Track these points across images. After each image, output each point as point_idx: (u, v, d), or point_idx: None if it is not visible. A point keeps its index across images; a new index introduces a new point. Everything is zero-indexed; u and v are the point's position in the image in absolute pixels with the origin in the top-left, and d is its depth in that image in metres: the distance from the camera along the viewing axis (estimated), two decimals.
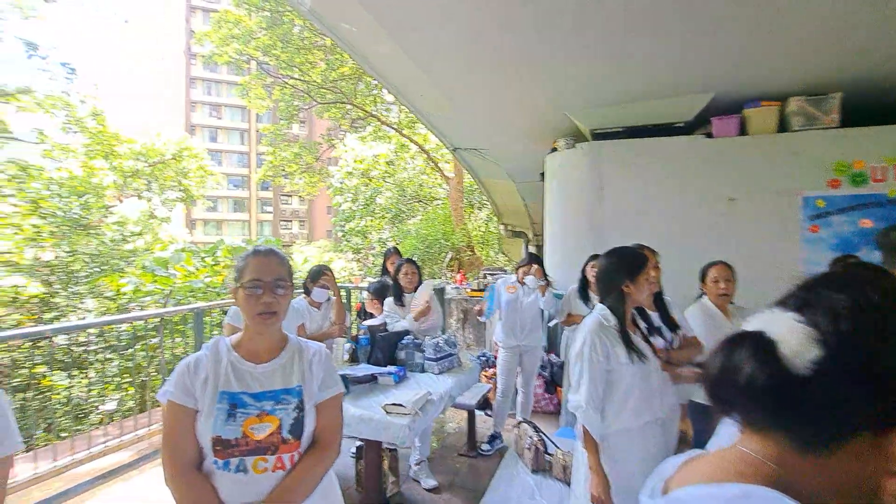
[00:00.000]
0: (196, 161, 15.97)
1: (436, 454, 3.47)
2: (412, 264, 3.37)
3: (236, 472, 1.16)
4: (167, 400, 1.20)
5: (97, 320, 3.72)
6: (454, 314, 6.30)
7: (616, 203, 4.37)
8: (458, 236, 13.31)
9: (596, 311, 1.83)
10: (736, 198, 3.99)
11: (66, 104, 12.09)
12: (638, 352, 1.73)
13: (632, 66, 3.59)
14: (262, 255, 1.28)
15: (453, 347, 2.96)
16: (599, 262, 1.89)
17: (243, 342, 1.28)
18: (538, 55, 3.57)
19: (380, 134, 16.45)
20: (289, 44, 12.38)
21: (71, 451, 3.33)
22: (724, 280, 2.45)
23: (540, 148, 5.59)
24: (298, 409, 1.23)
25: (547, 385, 4.28)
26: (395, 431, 2.06)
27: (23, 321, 6.40)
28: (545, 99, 4.32)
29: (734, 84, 3.76)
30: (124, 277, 7.17)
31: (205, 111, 46.56)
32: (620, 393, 1.74)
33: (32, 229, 6.49)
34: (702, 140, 4.13)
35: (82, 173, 11.77)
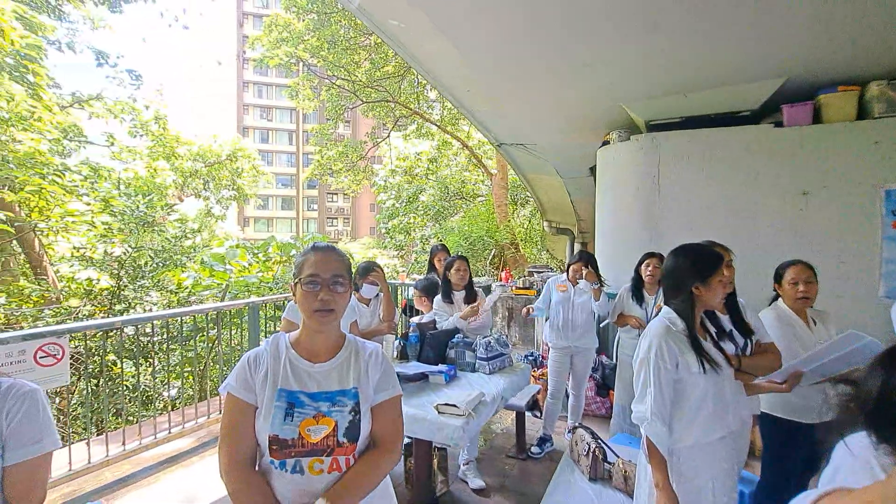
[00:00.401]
0: (249, 161, 16.70)
1: (484, 455, 3.42)
2: (464, 261, 3.32)
3: (293, 472, 1.15)
4: (227, 393, 1.20)
5: (162, 312, 3.92)
6: (499, 312, 6.21)
7: (674, 198, 4.13)
8: (502, 233, 13.15)
9: (662, 315, 1.70)
10: (809, 192, 3.67)
11: (133, 109, 12.92)
12: (710, 359, 1.59)
13: (695, 52, 3.37)
14: (321, 251, 1.26)
15: (505, 347, 2.89)
16: (667, 260, 1.75)
17: (301, 340, 1.27)
18: (593, 44, 3.42)
19: (423, 132, 16.53)
20: (335, 45, 12.64)
21: (138, 435, 3.53)
22: (803, 282, 2.22)
23: (590, 141, 5.40)
24: (354, 412, 1.21)
25: (598, 388, 4.13)
26: (448, 432, 2.02)
27: (95, 312, 6.91)
28: (599, 90, 4.14)
29: (808, 68, 3.45)
30: (185, 272, 7.58)
31: (256, 113, 48.59)
32: (690, 405, 1.60)
33: (103, 226, 6.99)
34: (771, 130, 3.83)
35: (146, 174, 12.56)
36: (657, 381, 1.57)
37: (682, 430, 1.60)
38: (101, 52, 12.97)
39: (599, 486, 2.12)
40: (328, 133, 15.99)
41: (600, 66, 3.70)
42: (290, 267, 8.45)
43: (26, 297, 6.76)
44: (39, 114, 7.83)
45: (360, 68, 13.48)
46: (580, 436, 2.31)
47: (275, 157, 48.19)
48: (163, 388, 5.90)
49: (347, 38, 12.82)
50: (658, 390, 1.57)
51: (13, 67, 7.84)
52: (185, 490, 3.00)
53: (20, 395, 1.13)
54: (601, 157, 4.93)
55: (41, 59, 8.47)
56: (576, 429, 2.41)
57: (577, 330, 3.40)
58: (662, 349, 1.59)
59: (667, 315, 1.68)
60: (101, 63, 13.01)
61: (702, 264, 1.65)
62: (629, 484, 2.05)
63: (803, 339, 2.17)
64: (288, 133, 49.34)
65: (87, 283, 7.12)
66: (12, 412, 1.10)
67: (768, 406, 2.22)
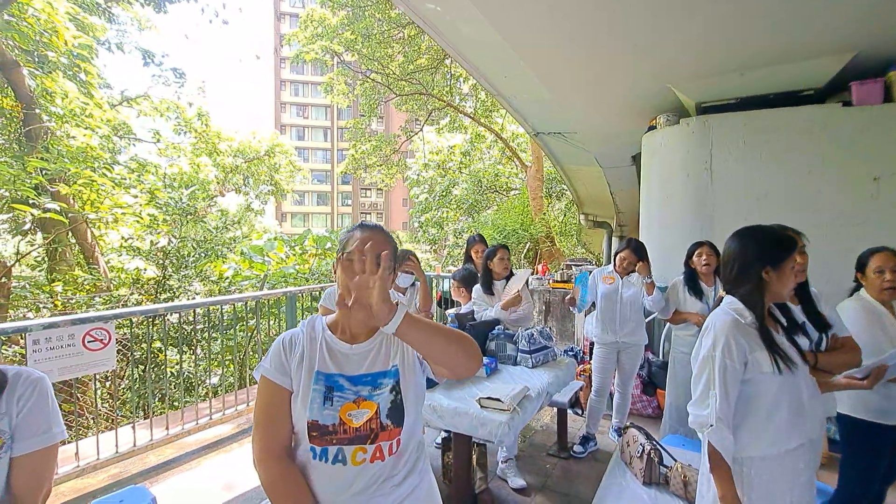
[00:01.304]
0: (286, 157, 17.06)
1: (523, 453, 3.30)
2: (506, 250, 3.19)
3: (334, 462, 1.08)
4: (261, 375, 1.13)
5: (203, 300, 4.00)
6: (536, 306, 6.04)
7: (729, 186, 3.85)
8: (537, 226, 12.88)
9: (725, 305, 1.50)
10: (881, 177, 3.33)
11: (177, 107, 13.41)
12: (784, 357, 1.39)
13: (754, 25, 3.09)
14: (368, 229, 1.19)
15: (549, 340, 2.75)
16: (730, 243, 1.54)
17: (339, 321, 1.20)
18: (640, 22, 3.20)
19: (456, 125, 16.40)
20: (370, 38, 12.69)
21: (181, 421, 3.61)
22: (890, 270, 1.97)
23: (633, 127, 5.13)
24: (395, 391, 1.12)
25: (644, 386, 3.92)
26: (492, 429, 1.92)
27: (142, 301, 7.20)
28: (646, 71, 3.90)
29: (880, 41, 3.11)
30: (226, 263, 7.79)
31: (293, 111, 49.77)
32: (762, 410, 1.40)
33: (149, 218, 7.26)
34: (838, 109, 3.50)
35: (190, 170, 13.01)
36: (723, 382, 1.39)
37: (751, 439, 1.41)
38: (148, 51, 13.49)
39: (654, 490, 1.96)
40: (362, 127, 16.12)
41: (649, 46, 3.46)
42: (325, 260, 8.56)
43: (80, 286, 7.10)
44: (91, 111, 8.21)
45: (393, 61, 13.48)
46: (632, 436, 2.15)
47: (310, 154, 49.26)
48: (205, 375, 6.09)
49: (381, 31, 12.84)
50: (724, 393, 1.38)
51: (67, 67, 8.25)
52: (225, 476, 3.03)
53: (30, 383, 1.09)
54: (647, 143, 4.67)
55: (92, 58, 8.88)
56: (627, 428, 2.25)
57: (625, 325, 3.20)
58: (731, 345, 1.40)
59: (732, 306, 1.48)
60: (147, 62, 13.54)
61: (773, 247, 1.45)
62: (689, 490, 1.89)
63: (891, 333, 1.94)
64: (323, 130, 50.33)
65: (136, 272, 7.43)
66: (24, 398, 1.07)
67: (848, 407, 1.99)
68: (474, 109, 15.30)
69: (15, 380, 1.08)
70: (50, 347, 2.81)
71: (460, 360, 1.06)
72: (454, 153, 17.27)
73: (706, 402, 1.42)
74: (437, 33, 4.53)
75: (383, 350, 1.17)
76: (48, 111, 7.36)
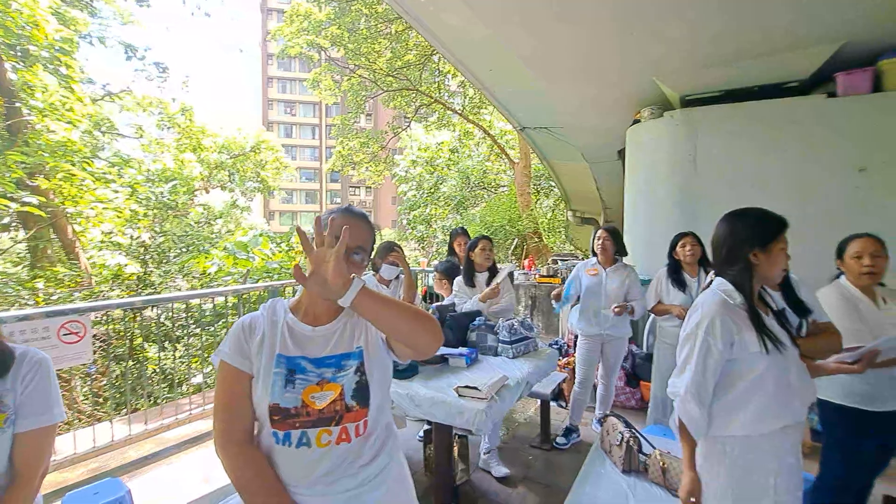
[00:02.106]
0: (272, 153, 16.86)
1: (506, 445, 3.28)
2: (488, 241, 3.16)
3: (298, 445, 1.05)
4: (220, 360, 1.09)
5: (181, 294, 3.92)
6: (522, 300, 6.03)
7: (713, 177, 3.87)
8: (525, 223, 12.89)
9: (715, 286, 1.50)
10: (868, 167, 3.36)
11: (161, 102, 13.17)
12: (772, 337, 1.38)
13: (740, 19, 3.09)
14: (351, 215, 1.15)
15: (530, 330, 2.72)
16: (720, 225, 1.54)
17: (302, 303, 1.16)
18: (626, 12, 3.19)
19: (444, 121, 16.35)
20: (356, 33, 12.58)
21: (160, 416, 3.55)
22: (869, 256, 1.96)
23: (618, 122, 5.13)
24: (359, 372, 1.09)
25: (628, 378, 3.92)
26: (469, 417, 1.88)
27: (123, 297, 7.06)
28: (630, 63, 3.89)
29: (868, 30, 3.13)
30: (209, 260, 7.66)
31: (280, 108, 49.29)
32: (746, 389, 1.40)
33: (130, 213, 7.11)
34: (823, 100, 3.52)
35: (174, 166, 12.79)
36: (701, 358, 1.40)
37: (732, 417, 1.41)
38: (130, 45, 13.22)
39: (633, 478, 1.94)
40: (349, 124, 15.99)
41: (635, 37, 3.45)
42: None
43: (61, 282, 6.96)
44: (71, 105, 8.03)
45: (380, 57, 13.38)
46: (612, 425, 2.13)
47: (298, 151, 48.85)
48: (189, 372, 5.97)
49: (368, 26, 12.74)
50: (700, 368, 1.40)
51: (48, 60, 8.07)
52: (204, 469, 2.98)
53: (34, 363, 1.13)
54: (631, 136, 4.67)
55: (74, 52, 8.70)
56: (607, 417, 2.23)
57: (609, 318, 3.18)
58: (715, 325, 1.40)
59: (721, 287, 1.48)
60: (129, 56, 13.28)
61: (762, 228, 1.45)
62: (668, 477, 1.87)
63: (869, 320, 1.93)
64: (311, 127, 49.92)
65: (118, 268, 7.28)
66: (27, 377, 1.11)
67: (831, 393, 1.97)
68: (462, 106, 15.26)
69: (21, 358, 1.12)
70: (24, 340, 2.75)
71: (420, 336, 1.03)
72: (442, 150, 17.22)
73: (682, 375, 1.44)
74: (422, 25, 4.49)
75: (347, 332, 1.14)
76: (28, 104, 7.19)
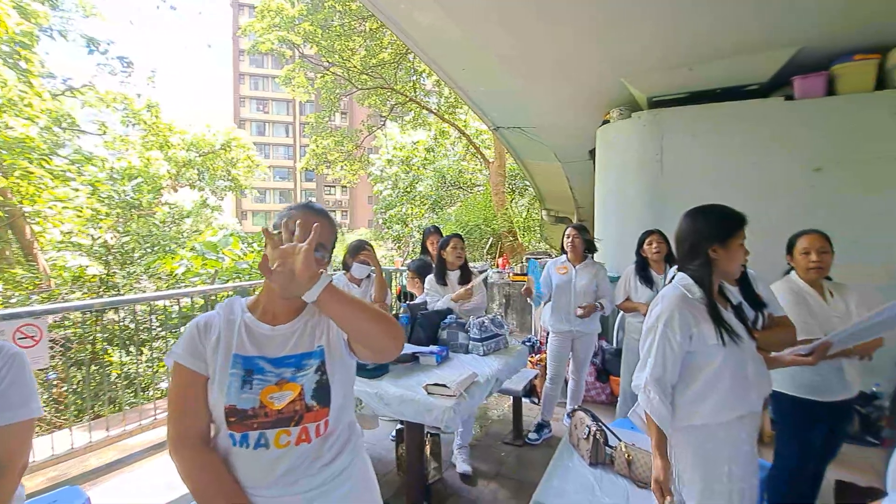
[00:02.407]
0: (244, 151, 16.46)
1: (479, 442, 3.30)
2: (460, 239, 3.17)
3: (256, 447, 1.02)
4: (173, 362, 1.06)
5: (145, 296, 3.78)
6: (496, 299, 6.07)
7: (679, 177, 3.98)
8: (500, 221, 12.98)
9: (676, 281, 1.55)
10: (822, 167, 3.51)
11: (125, 97, 12.68)
12: (730, 330, 1.44)
13: (702, 20, 3.19)
14: (311, 211, 1.13)
15: (500, 328, 2.74)
16: (681, 222, 1.59)
17: (261, 301, 1.13)
18: (592, 15, 3.24)
19: (420, 121, 16.30)
20: (329, 30, 12.41)
21: (123, 422, 3.42)
22: (816, 251, 2.06)
23: (589, 122, 5.22)
24: (320, 371, 1.07)
25: (598, 373, 3.99)
26: (438, 414, 1.88)
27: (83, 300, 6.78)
28: (598, 64, 3.97)
29: (822, 36, 3.27)
30: (177, 260, 7.43)
31: (252, 105, 48.22)
32: (705, 380, 1.46)
33: (90, 211, 6.83)
34: (781, 103, 3.67)
35: (140, 164, 12.36)
36: (661, 350, 1.45)
37: (693, 408, 1.46)
38: (93, 39, 12.70)
39: (600, 470, 1.98)
40: (324, 122, 15.76)
41: (601, 39, 3.52)
42: None
43: (19, 284, 6.64)
44: (30, 100, 7.69)
45: (354, 55, 13.25)
46: (580, 419, 2.17)
47: (271, 150, 47.89)
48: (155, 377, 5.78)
49: (341, 23, 12.59)
50: (661, 360, 1.45)
51: (7, 55, 7.72)
52: (168, 477, 2.88)
53: (9, 357, 1.10)
54: (601, 136, 4.76)
55: (33, 46, 8.32)
56: (575, 412, 2.27)
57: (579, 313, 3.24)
58: (674, 318, 1.45)
59: (682, 282, 1.53)
60: (92, 50, 12.75)
61: (722, 224, 1.50)
62: (633, 469, 1.92)
63: (817, 313, 2.02)
64: (285, 125, 49.00)
65: (79, 270, 6.98)
66: (3, 372, 1.08)
67: (782, 385, 2.06)
68: (438, 105, 15.25)
69: None
70: None
71: (381, 340, 1.03)
72: (418, 149, 17.18)
73: (645, 367, 1.48)
74: (395, 24, 4.46)
75: (308, 331, 1.11)
76: None
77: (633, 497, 1.84)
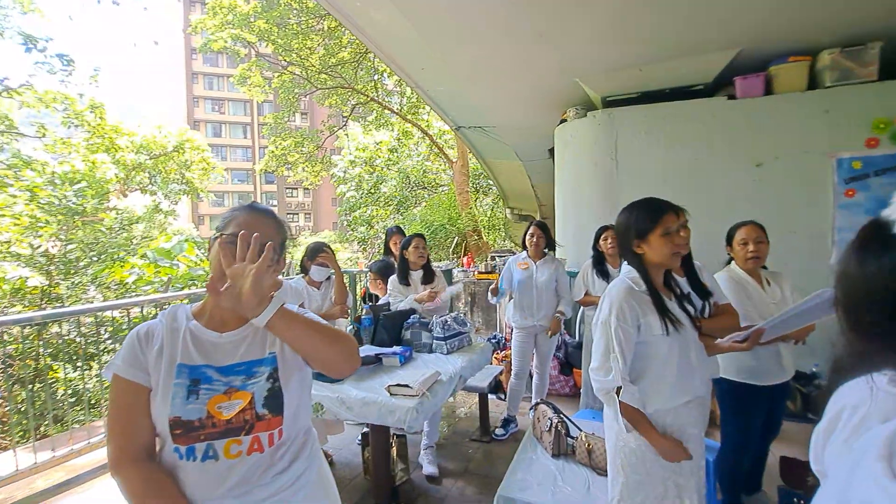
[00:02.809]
0: (198, 153, 15.80)
1: (447, 440, 3.31)
2: (422, 239, 3.16)
3: (204, 459, 0.97)
4: (112, 375, 1.00)
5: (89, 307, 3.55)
6: (462, 297, 6.10)
7: (633, 173, 4.12)
8: (465, 221, 13.06)
9: (623, 274, 1.60)
10: (763, 162, 3.73)
11: (66, 97, 11.94)
12: (673, 319, 1.50)
13: (645, 26, 3.32)
14: (256, 212, 1.08)
15: (463, 325, 2.76)
16: (616, 220, 1.66)
17: (207, 307, 1.08)
18: (544, 17, 3.31)
19: (382, 121, 16.16)
20: (286, 28, 12.10)
21: (70, 441, 3.23)
22: (753, 242, 2.19)
23: (547, 121, 5.33)
24: (272, 378, 1.03)
25: (562, 367, 4.08)
26: (401, 415, 1.87)
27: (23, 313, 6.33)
28: (553, 65, 4.05)
29: (759, 39, 3.47)
30: (127, 268, 7.05)
31: (207, 106, 46.44)
32: (654, 369, 1.51)
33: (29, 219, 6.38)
34: (724, 102, 3.86)
35: (85, 168, 11.66)
36: (620, 346, 1.48)
37: (646, 396, 1.51)
38: (30, 36, 11.90)
39: (562, 461, 2.03)
40: (283, 122, 15.37)
41: (554, 41, 3.59)
42: None
43: None
44: None
45: (313, 54, 12.98)
46: (542, 411, 2.22)
47: (229, 152, 46.31)
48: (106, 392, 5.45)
49: (298, 21, 12.30)
50: (623, 356, 1.48)
51: None
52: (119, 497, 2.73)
53: None
54: (559, 135, 4.87)
55: None
56: (538, 405, 2.31)
57: (541, 309, 3.30)
58: (624, 310, 1.49)
59: (628, 275, 1.58)
60: (29, 48, 11.94)
61: (638, 220, 1.54)
62: (593, 457, 1.98)
63: (755, 300, 2.15)
64: (242, 126, 47.47)
65: (20, 282, 6.51)
66: None
67: (726, 371, 2.19)
68: (400, 106, 15.17)
69: None
70: None
71: (336, 362, 1.02)
72: (381, 150, 17.04)
73: (607, 366, 1.50)
74: (352, 23, 4.40)
75: (259, 336, 1.07)
76: None
77: (594, 485, 1.89)
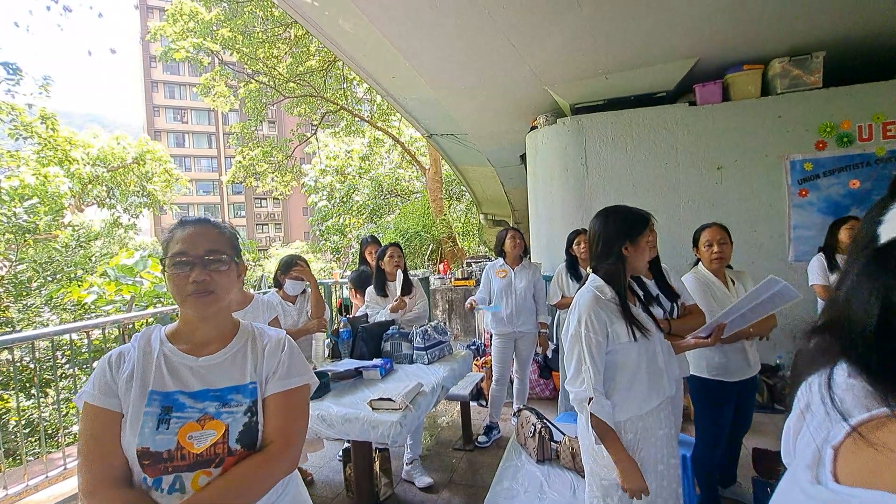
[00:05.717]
0: (160, 164, 15.23)
1: (430, 451, 3.27)
2: (397, 248, 3.13)
3: (171, 491, 0.92)
4: (84, 403, 0.95)
5: (44, 331, 3.34)
6: (439, 305, 6.08)
7: (602, 178, 4.22)
8: (439, 228, 13.07)
9: (588, 284, 1.61)
10: (724, 166, 3.89)
11: (13, 108, 11.30)
12: (640, 326, 1.53)
13: (610, 35, 3.43)
14: (190, 225, 1.03)
15: (444, 335, 2.74)
16: (594, 223, 1.67)
17: (181, 331, 1.04)
18: (513, 27, 3.37)
19: (353, 129, 16.03)
20: (251, 37, 11.86)
21: (25, 477, 3.00)
22: (717, 243, 2.28)
23: (519, 128, 5.41)
24: (251, 412, 0.99)
25: (541, 370, 4.11)
26: (384, 430, 1.83)
27: None
28: (523, 74, 4.12)
29: (717, 49, 3.64)
30: (85, 288, 6.70)
31: (168, 115, 44.95)
32: (626, 376, 1.53)
33: None
34: (685, 108, 4.01)
35: (35, 182, 11.05)
36: (591, 356, 1.49)
37: (619, 404, 1.52)
38: None
39: (547, 466, 2.03)
40: (250, 132, 15.02)
41: (523, 50, 3.66)
42: None
43: None
44: None
45: (280, 62, 12.77)
46: (525, 418, 2.22)
47: (193, 162, 44.89)
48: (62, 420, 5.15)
49: (264, 29, 12.09)
50: (594, 366, 1.49)
51: None
52: None
53: None
54: (530, 141, 4.94)
55: None
56: (521, 411, 2.32)
57: (520, 315, 3.32)
58: (592, 320, 1.50)
59: (594, 283, 1.59)
60: None
61: (631, 223, 1.59)
62: (577, 461, 1.99)
63: (721, 299, 2.23)
64: (207, 136, 46.13)
65: None
66: None
67: (694, 368, 2.26)
68: (371, 113, 15.09)
69: None
70: None
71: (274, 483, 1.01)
72: (353, 158, 16.89)
73: (580, 377, 1.50)
74: (321, 32, 4.36)
75: (238, 361, 1.02)
76: None
77: (580, 488, 1.90)
